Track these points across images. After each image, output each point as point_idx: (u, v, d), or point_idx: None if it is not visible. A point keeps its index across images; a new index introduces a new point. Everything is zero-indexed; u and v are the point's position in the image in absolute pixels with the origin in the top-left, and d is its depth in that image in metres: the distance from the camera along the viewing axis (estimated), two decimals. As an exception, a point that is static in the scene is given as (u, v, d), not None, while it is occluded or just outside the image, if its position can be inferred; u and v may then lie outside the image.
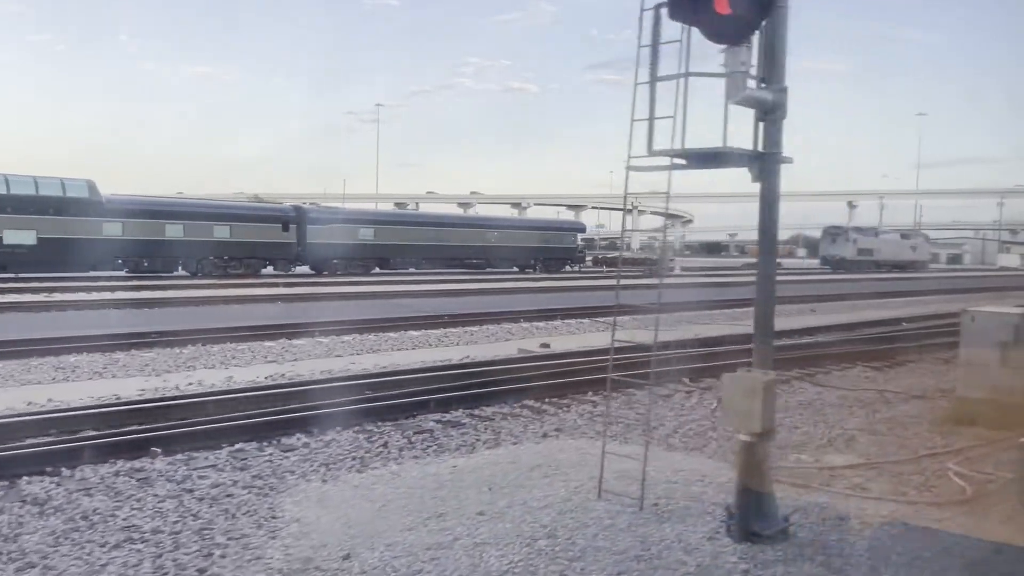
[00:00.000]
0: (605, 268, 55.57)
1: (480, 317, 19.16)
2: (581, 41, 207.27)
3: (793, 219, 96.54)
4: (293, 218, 40.23)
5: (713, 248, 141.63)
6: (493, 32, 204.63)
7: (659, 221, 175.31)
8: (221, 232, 37.43)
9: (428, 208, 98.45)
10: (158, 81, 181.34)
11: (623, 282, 6.42)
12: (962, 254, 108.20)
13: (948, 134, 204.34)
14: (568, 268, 52.68)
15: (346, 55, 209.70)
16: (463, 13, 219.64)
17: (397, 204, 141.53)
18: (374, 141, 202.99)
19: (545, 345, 14.97)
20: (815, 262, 71.54)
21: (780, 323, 6.37)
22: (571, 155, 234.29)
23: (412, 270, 44.06)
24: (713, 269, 58.67)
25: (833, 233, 69.19)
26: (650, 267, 54.65)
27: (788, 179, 5.04)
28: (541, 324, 19.03)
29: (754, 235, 5.20)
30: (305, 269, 41.26)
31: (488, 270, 46.93)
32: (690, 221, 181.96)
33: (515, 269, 49.36)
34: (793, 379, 11.41)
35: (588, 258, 58.67)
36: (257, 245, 38.42)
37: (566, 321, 19.78)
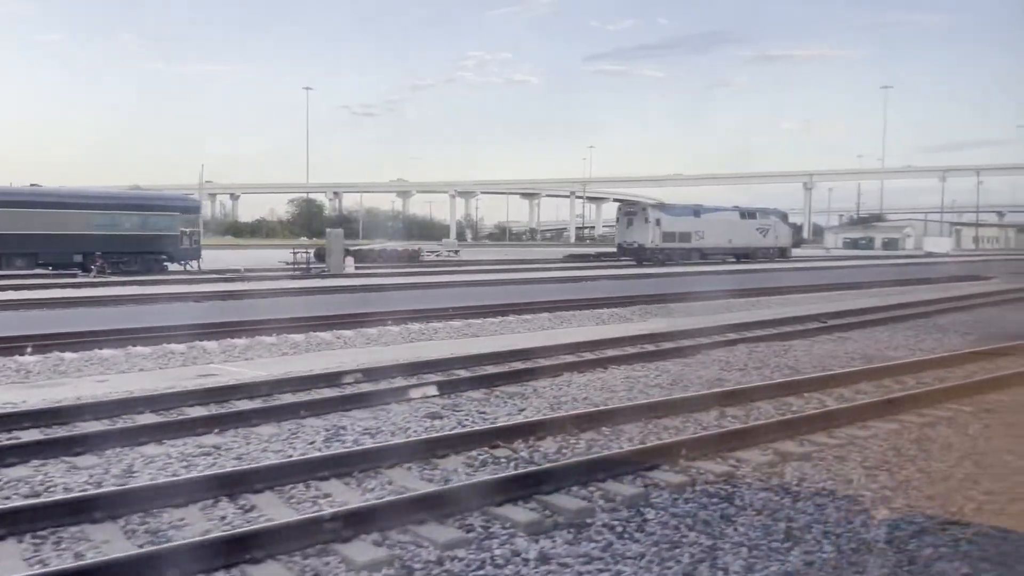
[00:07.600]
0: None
1: None
2: (580, 32, 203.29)
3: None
4: None
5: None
6: (493, 26, 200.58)
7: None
8: None
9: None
10: (164, 80, 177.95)
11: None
12: (900, 238, 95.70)
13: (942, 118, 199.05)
14: (181, 266, 32.57)
15: (345, 50, 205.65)
16: (463, 7, 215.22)
17: (336, 194, 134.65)
18: (370, 136, 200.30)
19: None
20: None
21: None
22: (571, 146, 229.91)
23: None
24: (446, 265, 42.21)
25: (629, 213, 47.07)
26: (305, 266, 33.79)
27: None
28: None
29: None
30: None
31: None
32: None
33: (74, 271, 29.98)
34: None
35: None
36: None
37: None
